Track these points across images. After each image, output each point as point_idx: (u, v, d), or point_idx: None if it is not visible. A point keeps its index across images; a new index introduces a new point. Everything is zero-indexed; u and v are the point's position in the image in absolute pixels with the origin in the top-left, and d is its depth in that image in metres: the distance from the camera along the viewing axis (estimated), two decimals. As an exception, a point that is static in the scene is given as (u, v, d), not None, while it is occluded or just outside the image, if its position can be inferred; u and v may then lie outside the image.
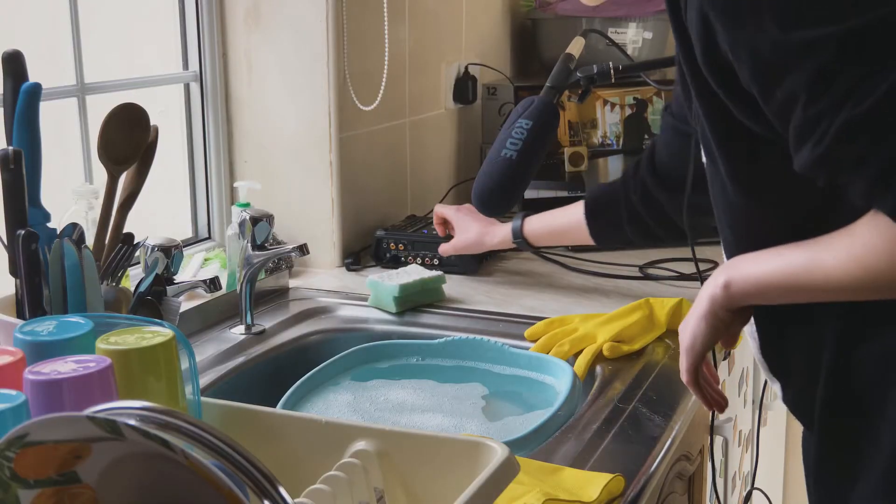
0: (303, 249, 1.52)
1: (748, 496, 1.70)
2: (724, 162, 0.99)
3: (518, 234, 1.71)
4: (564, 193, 2.15)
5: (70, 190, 1.45)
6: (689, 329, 1.08)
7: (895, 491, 0.94)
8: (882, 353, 0.95)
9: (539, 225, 1.69)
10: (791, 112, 0.86)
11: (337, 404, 1.36)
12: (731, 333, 1.08)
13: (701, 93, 0.96)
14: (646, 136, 2.23)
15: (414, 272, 1.68)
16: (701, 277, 1.25)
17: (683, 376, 1.12)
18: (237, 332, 1.56)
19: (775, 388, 1.10)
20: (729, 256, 1.07)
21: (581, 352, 1.44)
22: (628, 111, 2.25)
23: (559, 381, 1.39)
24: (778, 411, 2.16)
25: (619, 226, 1.58)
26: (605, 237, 1.63)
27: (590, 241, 1.63)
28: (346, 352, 1.48)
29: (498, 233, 1.75)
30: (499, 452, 0.85)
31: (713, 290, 1.03)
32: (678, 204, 1.39)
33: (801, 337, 1.03)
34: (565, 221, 1.65)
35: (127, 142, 1.22)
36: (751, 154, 0.97)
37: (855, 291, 0.91)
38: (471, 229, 1.78)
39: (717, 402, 1.16)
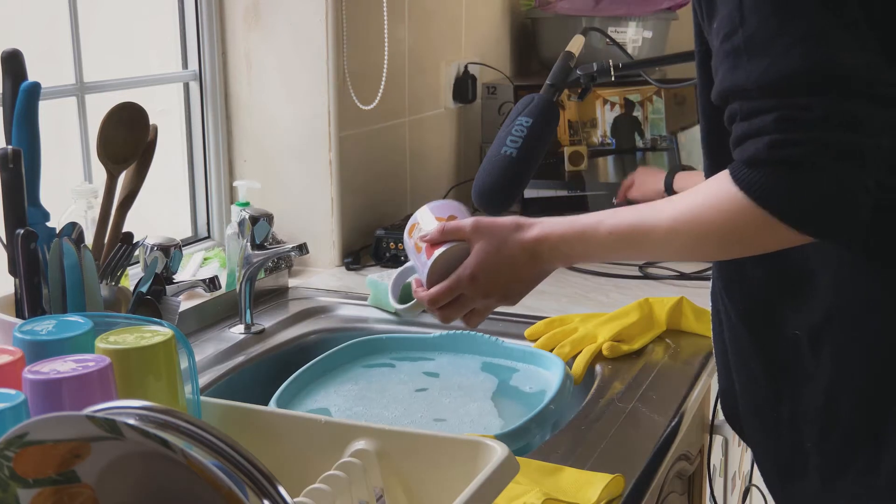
0: (302, 249, 1.52)
1: (746, 492, 1.70)
2: (699, 76, 0.99)
3: None
4: (564, 192, 2.15)
5: (69, 189, 1.45)
6: (520, 294, 1.09)
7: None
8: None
9: None
10: (717, 39, 0.86)
11: (332, 399, 1.36)
12: None
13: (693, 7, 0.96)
14: (637, 135, 2.23)
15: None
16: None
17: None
18: (236, 331, 1.56)
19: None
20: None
21: (581, 352, 1.44)
22: (620, 111, 2.24)
23: (551, 373, 1.40)
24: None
25: None
26: None
27: None
28: (340, 346, 1.48)
29: None
30: (498, 452, 0.85)
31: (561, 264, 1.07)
32: None
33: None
34: None
35: (126, 141, 1.22)
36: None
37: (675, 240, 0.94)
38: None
39: None
